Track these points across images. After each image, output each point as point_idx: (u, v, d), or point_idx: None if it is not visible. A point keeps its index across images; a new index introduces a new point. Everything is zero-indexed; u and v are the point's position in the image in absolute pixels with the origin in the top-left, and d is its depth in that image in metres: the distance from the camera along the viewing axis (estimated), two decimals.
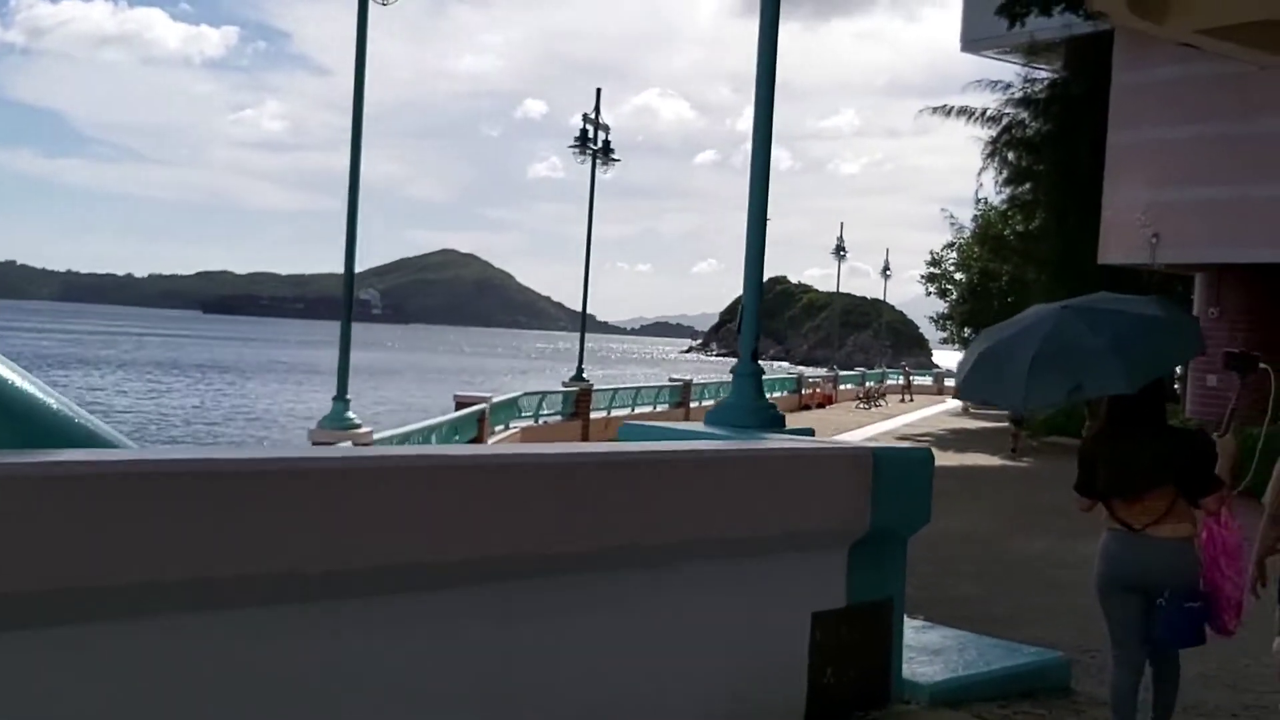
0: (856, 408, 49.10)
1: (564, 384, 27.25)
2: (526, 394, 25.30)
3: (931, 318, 52.94)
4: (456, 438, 17.72)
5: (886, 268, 62.08)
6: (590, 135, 26.81)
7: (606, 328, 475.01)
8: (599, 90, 27.25)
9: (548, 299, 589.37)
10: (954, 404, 51.84)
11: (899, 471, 6.22)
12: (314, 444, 12.11)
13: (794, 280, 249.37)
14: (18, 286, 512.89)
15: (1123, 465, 5.25)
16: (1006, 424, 28.52)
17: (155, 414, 45.23)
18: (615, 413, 29.51)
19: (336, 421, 12.43)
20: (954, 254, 46.33)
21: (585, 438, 26.72)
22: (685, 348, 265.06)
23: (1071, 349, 5.29)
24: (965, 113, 35.27)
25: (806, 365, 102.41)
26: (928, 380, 63.17)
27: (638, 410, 30.62)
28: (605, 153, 27.67)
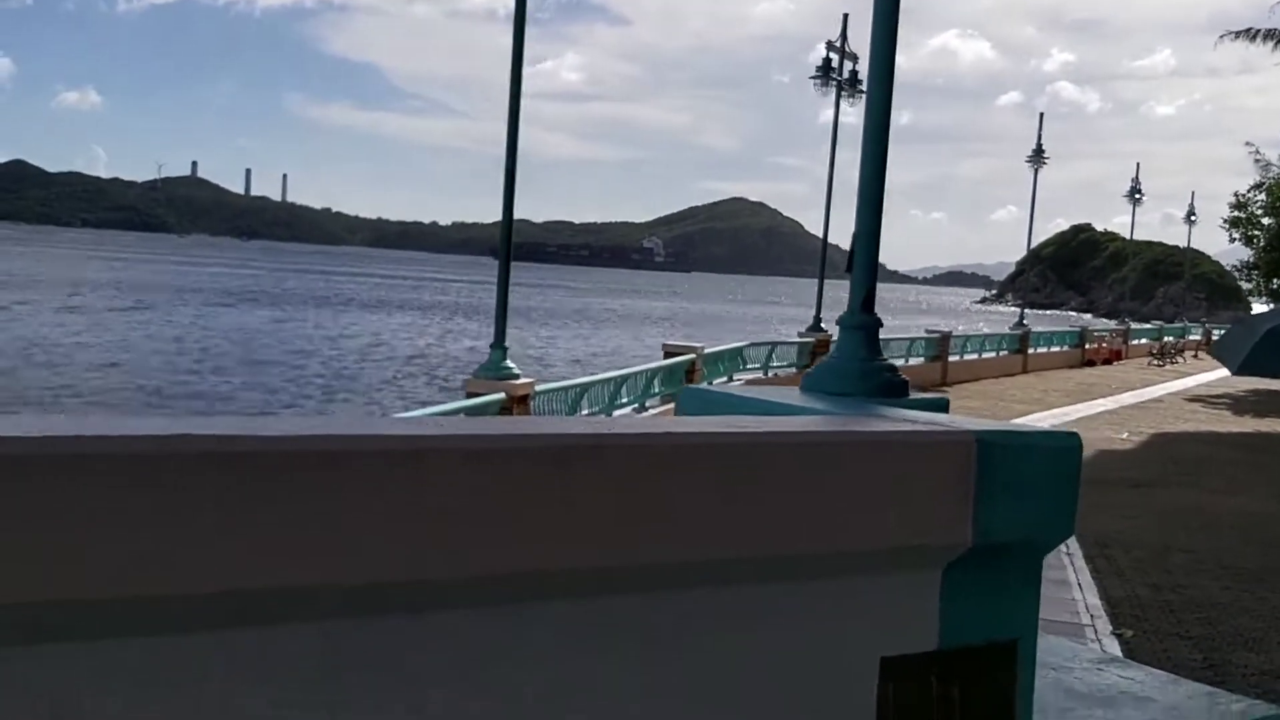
0: (1149, 365, 44.94)
1: (799, 334, 25.48)
2: (753, 344, 23.71)
3: (1235, 266, 47.61)
4: (656, 392, 16.51)
5: (1191, 213, 56.35)
6: (834, 65, 24.66)
7: (897, 276, 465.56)
8: (846, 15, 25.08)
9: (836, 246, 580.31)
10: None
11: (1021, 464, 4.34)
12: (469, 394, 11.13)
13: (1099, 228, 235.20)
14: (333, 233, 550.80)
15: None
16: None
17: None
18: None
19: (493, 370, 11.39)
20: (1261, 195, 41.20)
21: None
22: (979, 298, 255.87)
23: None
24: None
25: (1111, 318, 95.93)
26: None
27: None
28: (853, 84, 25.44)
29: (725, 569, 3.33)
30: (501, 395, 11.10)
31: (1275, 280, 42.13)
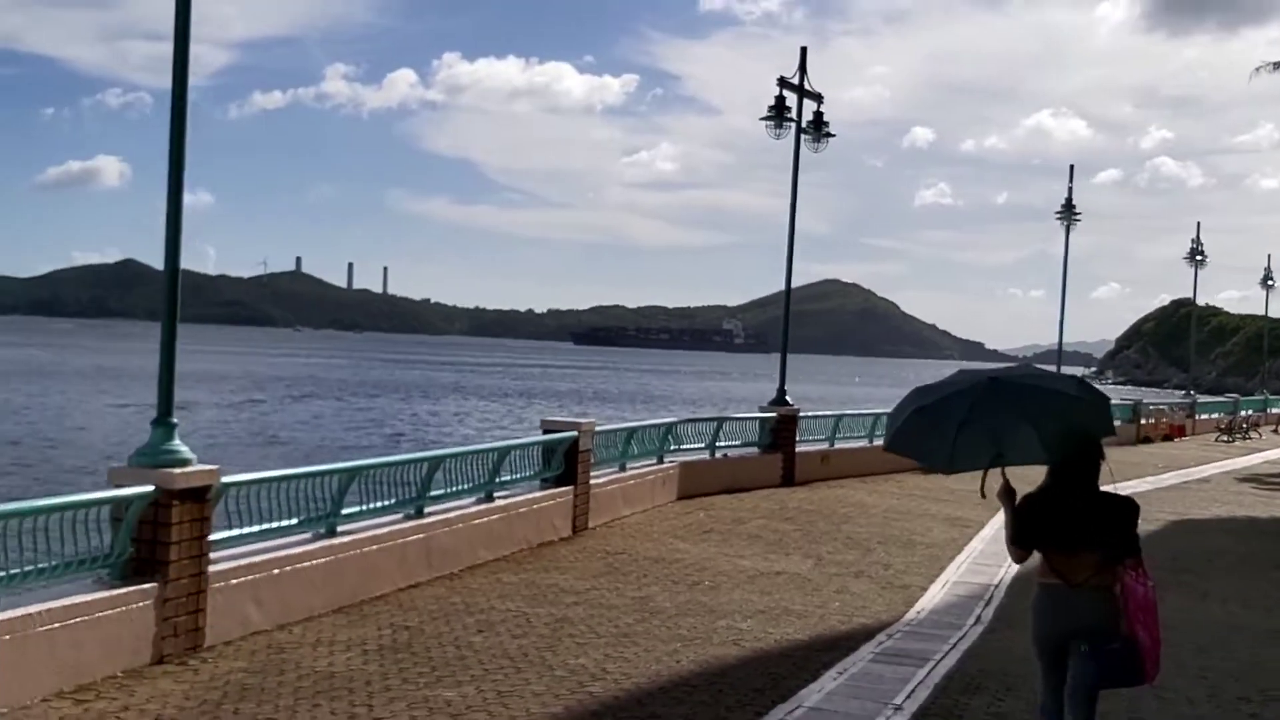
0: (1216, 440, 40.83)
1: (761, 408, 22.52)
2: (689, 420, 20.80)
3: None
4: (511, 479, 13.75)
5: (1268, 277, 51.97)
6: (788, 105, 21.77)
7: (996, 355, 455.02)
8: (804, 49, 22.11)
9: (933, 327, 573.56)
10: None
11: None
12: (114, 484, 8.53)
13: (1201, 302, 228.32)
14: (431, 323, 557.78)
15: (1063, 522, 5.91)
16: None
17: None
18: (848, 444, 24.45)
19: (150, 456, 8.70)
20: None
21: (790, 474, 21.94)
22: (1079, 375, 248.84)
23: (995, 420, 6.02)
24: None
25: (1214, 394, 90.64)
26: None
27: (879, 441, 25.28)
28: (817, 127, 22.64)
29: None
30: (151, 488, 8.52)
31: None
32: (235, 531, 9.61)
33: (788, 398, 22.49)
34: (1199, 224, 49.47)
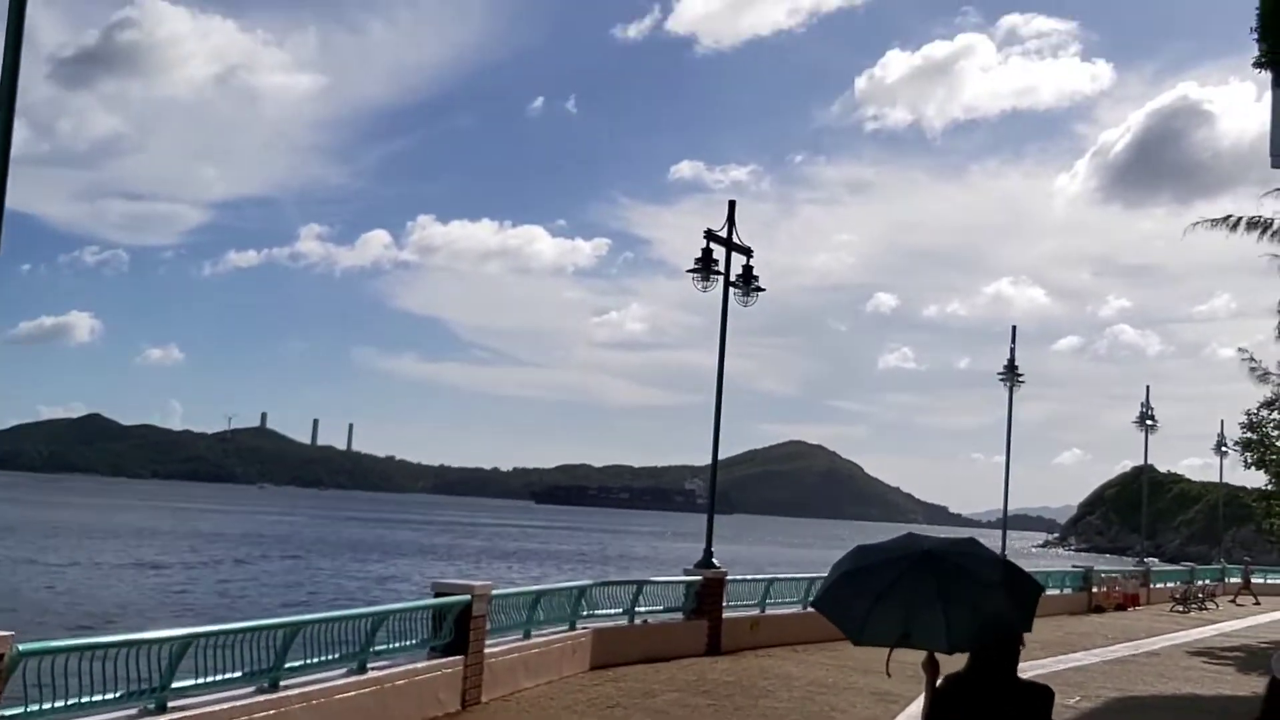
0: (1171, 610, 39.81)
1: (686, 571, 21.49)
2: (602, 583, 19.68)
3: (1247, 496, 42.85)
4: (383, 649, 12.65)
5: (1221, 444, 51.61)
6: (715, 258, 21.30)
7: (960, 520, 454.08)
8: (732, 203, 21.84)
9: (897, 490, 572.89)
10: None
11: None
12: None
13: (1162, 470, 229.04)
14: (395, 481, 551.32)
15: (975, 712, 5.67)
16: None
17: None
18: (781, 609, 23.37)
19: None
20: (1276, 414, 36.83)
21: (715, 642, 20.82)
22: (1041, 541, 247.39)
23: (912, 598, 5.92)
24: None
25: (1178, 562, 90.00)
26: None
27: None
28: (746, 281, 22.18)
29: None
30: None
31: None
32: (33, 707, 8.55)
33: (715, 560, 21.51)
34: (1148, 388, 49.40)
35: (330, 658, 11.95)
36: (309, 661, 11.64)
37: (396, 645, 13.19)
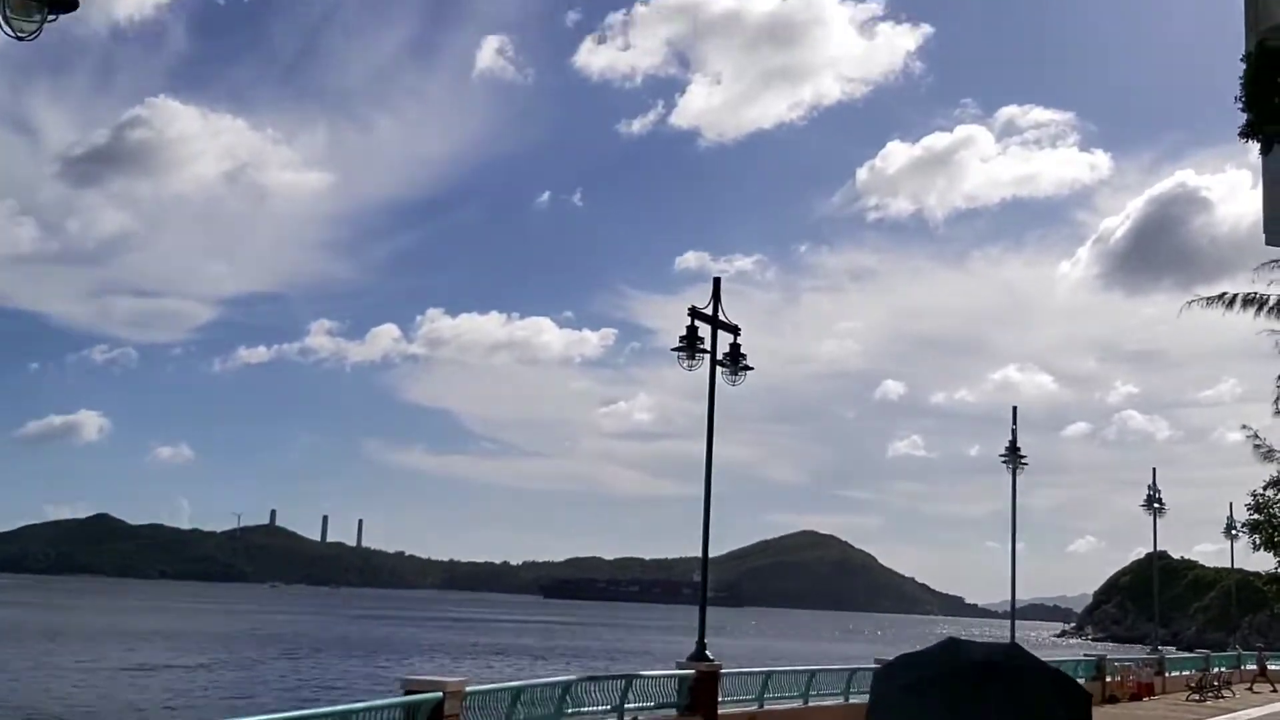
0: (1187, 699, 38.83)
1: (679, 664, 20.97)
2: (588, 678, 19.10)
3: (1258, 580, 41.97)
4: None
5: (1230, 527, 50.90)
6: (701, 336, 21.08)
7: (976, 610, 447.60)
8: (717, 280, 21.64)
9: (912, 580, 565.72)
10: None
11: None
12: None
13: (1176, 556, 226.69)
14: (405, 577, 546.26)
15: None
16: None
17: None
18: (780, 704, 22.74)
19: None
20: None
21: None
22: (1058, 631, 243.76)
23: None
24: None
25: (1194, 650, 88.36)
26: None
27: (817, 701, 23.66)
28: (734, 360, 21.98)
29: None
30: None
31: None
32: None
33: (709, 652, 20.96)
34: (1154, 470, 48.85)
35: None
36: None
37: None
